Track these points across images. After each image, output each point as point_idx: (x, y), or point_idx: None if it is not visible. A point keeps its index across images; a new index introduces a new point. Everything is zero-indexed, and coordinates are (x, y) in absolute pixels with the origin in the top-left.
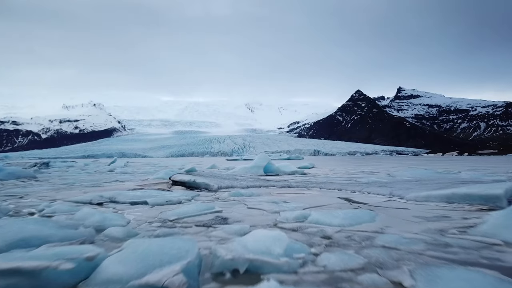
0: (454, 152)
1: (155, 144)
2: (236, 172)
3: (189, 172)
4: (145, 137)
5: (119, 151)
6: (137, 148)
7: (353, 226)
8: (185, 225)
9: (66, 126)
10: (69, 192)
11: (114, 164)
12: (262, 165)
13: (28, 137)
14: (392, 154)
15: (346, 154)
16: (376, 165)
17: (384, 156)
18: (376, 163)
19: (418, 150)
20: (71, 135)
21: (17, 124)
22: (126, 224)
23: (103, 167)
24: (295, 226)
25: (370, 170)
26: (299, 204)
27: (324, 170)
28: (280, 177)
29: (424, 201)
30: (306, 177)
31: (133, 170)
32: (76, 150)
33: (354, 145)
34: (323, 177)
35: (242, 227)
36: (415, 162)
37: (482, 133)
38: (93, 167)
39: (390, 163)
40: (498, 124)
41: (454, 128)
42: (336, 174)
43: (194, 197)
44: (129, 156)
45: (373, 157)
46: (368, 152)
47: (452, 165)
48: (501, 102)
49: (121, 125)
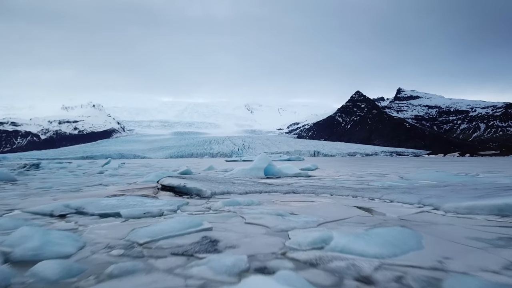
0: (455, 153)
1: (154, 145)
2: (234, 175)
3: (183, 175)
4: (145, 138)
5: (118, 152)
6: (136, 149)
7: (398, 257)
8: (158, 253)
9: (65, 127)
10: (36, 200)
11: (108, 166)
12: (262, 167)
13: (27, 138)
14: (392, 155)
15: (346, 155)
16: (381, 166)
17: (384, 157)
18: (380, 164)
19: (418, 151)
20: (70, 136)
21: (16, 125)
22: (76, 251)
23: (95, 169)
24: (313, 257)
25: (378, 172)
26: (310, 217)
27: (329, 172)
28: (283, 180)
29: (467, 214)
30: (311, 180)
31: (124, 172)
32: (75, 151)
33: (354, 146)
34: (330, 180)
35: (236, 260)
36: (420, 163)
37: (482, 134)
38: (85, 168)
39: (394, 164)
40: (498, 125)
41: (454, 129)
42: (343, 176)
43: (181, 207)
44: (128, 157)
45: (374, 158)
46: (368, 153)
47: (463, 166)
48: (501, 103)
49: (120, 126)
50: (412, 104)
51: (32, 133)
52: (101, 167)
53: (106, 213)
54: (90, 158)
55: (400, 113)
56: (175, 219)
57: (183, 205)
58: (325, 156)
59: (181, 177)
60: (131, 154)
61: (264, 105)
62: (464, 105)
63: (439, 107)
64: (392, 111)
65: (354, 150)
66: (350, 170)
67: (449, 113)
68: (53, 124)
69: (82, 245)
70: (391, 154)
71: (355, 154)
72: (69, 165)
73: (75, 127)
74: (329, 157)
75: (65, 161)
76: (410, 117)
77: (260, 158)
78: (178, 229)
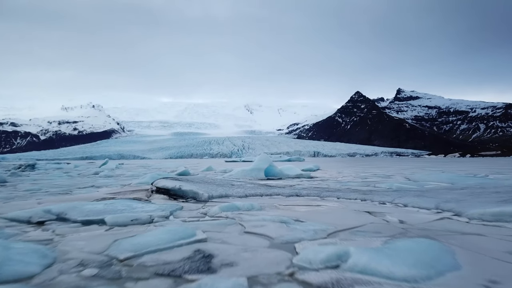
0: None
1: (154, 146)
2: (234, 176)
3: (180, 176)
4: (144, 139)
5: (117, 152)
6: (135, 149)
7: (433, 281)
8: (139, 274)
9: (65, 127)
10: (18, 203)
11: (105, 166)
12: (263, 168)
13: (27, 138)
14: (392, 156)
15: (346, 155)
16: (384, 167)
17: (384, 157)
18: (381, 164)
19: (418, 152)
20: (69, 136)
21: (16, 126)
22: (41, 270)
23: (91, 170)
24: (328, 280)
25: (381, 172)
26: (318, 225)
27: (331, 173)
28: (284, 182)
29: (495, 221)
30: (314, 181)
31: (120, 173)
32: (74, 151)
33: (354, 147)
34: (334, 181)
35: (234, 285)
36: (423, 164)
37: (481, 135)
38: (82, 169)
39: (397, 165)
40: (497, 125)
41: (453, 129)
42: (347, 177)
43: (174, 212)
44: (128, 158)
45: (375, 159)
46: (368, 154)
47: (467, 167)
48: (501, 103)
49: (120, 126)
50: (412, 105)
51: (31, 134)
52: (98, 167)
53: (89, 220)
54: (90, 158)
55: (400, 113)
56: (165, 228)
57: (177, 210)
58: (325, 157)
59: (177, 179)
60: (131, 155)
61: (264, 105)
62: (464, 105)
63: (439, 108)
64: (392, 111)
65: (354, 151)
66: (353, 170)
67: (449, 113)
68: (52, 125)
69: (51, 262)
70: (391, 154)
71: (355, 154)
72: (66, 165)
73: (75, 128)
74: (329, 158)
75: (64, 161)
76: (410, 117)
77: (261, 159)
78: (167, 240)
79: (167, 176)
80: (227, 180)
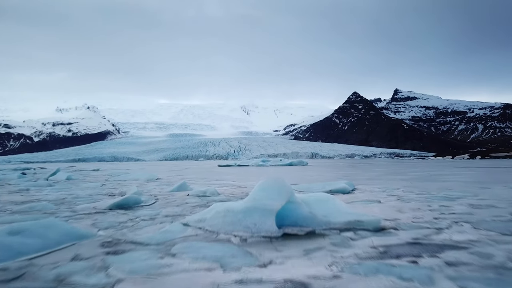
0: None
1: (149, 147)
2: (207, 225)
3: (117, 207)
4: (140, 140)
5: (111, 154)
6: (130, 151)
7: None
8: None
9: (59, 129)
10: None
11: (54, 177)
12: (273, 208)
13: (20, 140)
14: (392, 157)
15: (344, 156)
16: (411, 175)
17: (385, 159)
18: (401, 170)
19: (417, 152)
20: (64, 138)
21: (9, 127)
22: None
23: (43, 178)
24: None
25: (425, 188)
26: None
27: (379, 196)
28: (330, 251)
29: None
30: (392, 238)
31: None
32: (67, 153)
33: (352, 148)
34: (422, 237)
35: None
36: (446, 169)
37: (480, 135)
38: (31, 178)
39: (419, 171)
40: (496, 126)
41: (451, 130)
42: (415, 211)
43: None
44: (122, 160)
45: (375, 160)
46: (366, 155)
47: (509, 173)
48: (499, 103)
49: (115, 128)
50: (409, 105)
51: (25, 136)
52: (46, 179)
53: None
54: (83, 161)
55: (398, 114)
56: None
57: None
58: (323, 158)
59: None
60: (125, 157)
61: (260, 106)
62: (462, 106)
63: (437, 108)
64: (390, 112)
65: (353, 152)
66: (395, 185)
67: (446, 114)
68: (46, 127)
69: None
70: (390, 155)
71: (353, 155)
72: (13, 173)
73: (69, 129)
74: (327, 159)
75: (53, 164)
76: (407, 118)
77: (267, 186)
78: None
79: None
80: (183, 248)
